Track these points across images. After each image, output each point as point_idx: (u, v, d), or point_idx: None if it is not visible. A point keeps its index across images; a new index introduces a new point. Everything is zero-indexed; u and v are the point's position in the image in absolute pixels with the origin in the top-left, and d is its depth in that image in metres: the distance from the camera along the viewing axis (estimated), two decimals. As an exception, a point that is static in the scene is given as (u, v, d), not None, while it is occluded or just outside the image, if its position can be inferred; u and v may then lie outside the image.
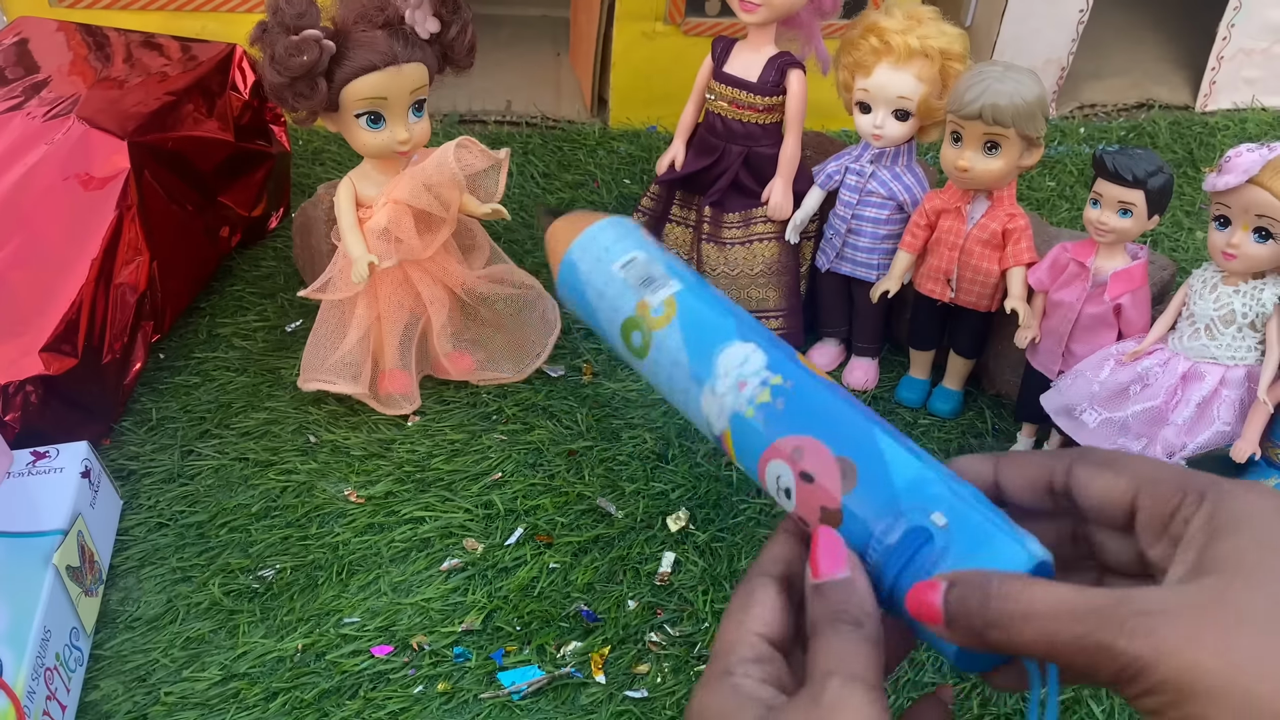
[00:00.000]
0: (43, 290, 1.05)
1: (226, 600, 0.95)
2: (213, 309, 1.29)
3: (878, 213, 1.15)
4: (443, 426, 1.14)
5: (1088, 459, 0.37)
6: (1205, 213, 1.54)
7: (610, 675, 0.91)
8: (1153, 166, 0.97)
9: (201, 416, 1.14)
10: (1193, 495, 0.33)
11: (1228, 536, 0.32)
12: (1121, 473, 0.36)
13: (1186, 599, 0.31)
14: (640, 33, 1.62)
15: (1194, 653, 0.29)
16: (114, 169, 1.11)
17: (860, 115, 1.13)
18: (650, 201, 1.28)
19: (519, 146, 1.62)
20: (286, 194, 1.45)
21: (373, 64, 0.99)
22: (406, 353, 1.14)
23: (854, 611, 0.36)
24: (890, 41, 1.07)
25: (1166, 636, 0.30)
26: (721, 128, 1.19)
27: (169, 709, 0.87)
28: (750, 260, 1.21)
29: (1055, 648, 0.31)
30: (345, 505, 1.05)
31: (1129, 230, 0.99)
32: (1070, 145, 1.72)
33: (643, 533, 1.03)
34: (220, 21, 1.56)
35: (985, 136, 1.02)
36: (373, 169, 1.08)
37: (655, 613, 0.96)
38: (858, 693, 0.33)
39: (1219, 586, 0.30)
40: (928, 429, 1.17)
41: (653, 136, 1.67)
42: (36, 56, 1.27)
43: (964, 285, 1.11)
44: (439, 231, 1.09)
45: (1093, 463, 0.37)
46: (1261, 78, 1.82)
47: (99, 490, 0.99)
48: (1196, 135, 1.74)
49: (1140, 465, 0.36)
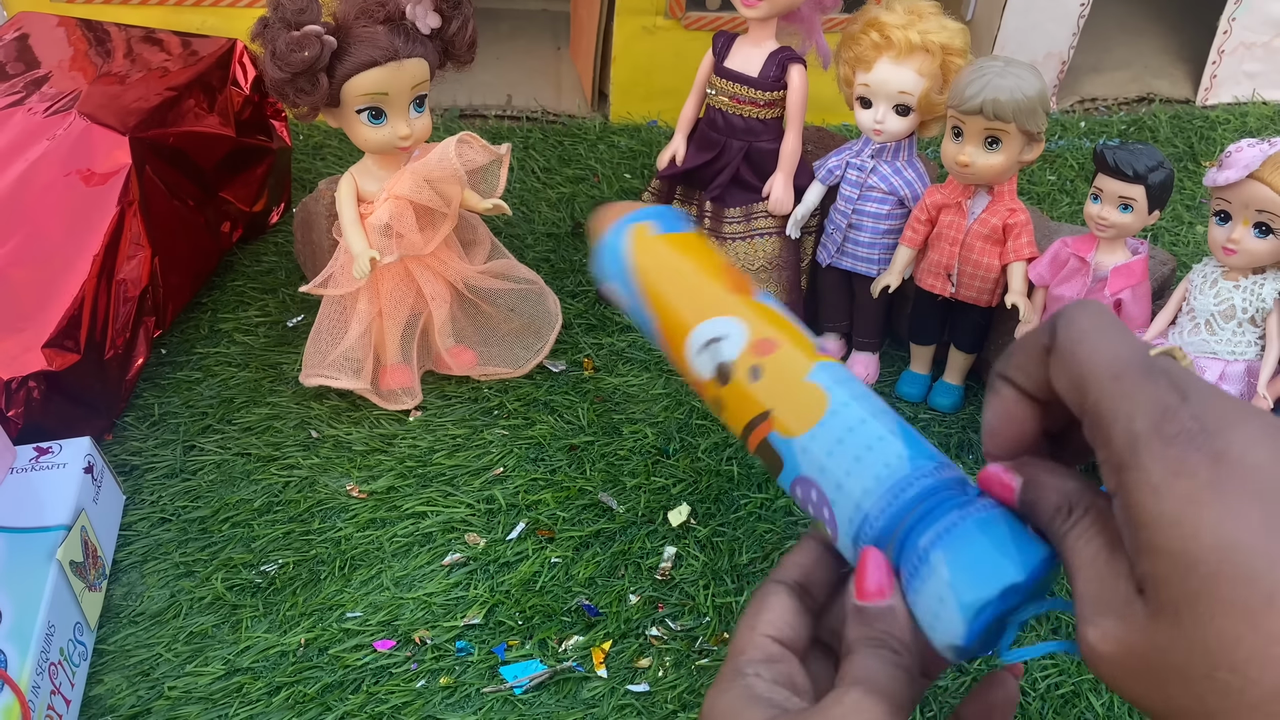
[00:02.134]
0: (44, 286, 1.05)
1: (229, 595, 0.96)
2: (214, 304, 1.29)
3: (878, 208, 1.15)
4: (444, 421, 1.14)
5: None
6: (1206, 207, 1.54)
7: (612, 669, 0.91)
8: (1153, 161, 0.97)
9: (203, 412, 1.14)
10: None
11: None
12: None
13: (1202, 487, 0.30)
14: (641, 27, 1.62)
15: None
16: (115, 164, 1.11)
17: (861, 110, 1.13)
18: (651, 196, 1.28)
19: (520, 141, 1.62)
20: (288, 189, 1.45)
21: (374, 59, 0.99)
22: (408, 348, 1.14)
23: (894, 641, 0.35)
24: (891, 36, 1.07)
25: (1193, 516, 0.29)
26: (722, 123, 1.19)
27: (172, 703, 0.87)
28: (751, 255, 1.21)
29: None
30: (347, 500, 1.05)
31: (1129, 225, 0.99)
32: (1071, 139, 1.72)
33: (644, 527, 1.03)
34: (221, 16, 1.56)
35: (986, 131, 1.02)
36: (374, 164, 1.08)
37: (657, 607, 0.96)
38: (880, 705, 0.33)
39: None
40: (928, 424, 1.17)
41: (653, 131, 1.67)
42: (37, 52, 1.27)
43: (965, 280, 1.11)
44: (440, 227, 1.09)
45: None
46: (1263, 71, 1.81)
47: (102, 485, 0.99)
48: (1197, 129, 1.74)
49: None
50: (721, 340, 0.42)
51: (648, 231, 0.46)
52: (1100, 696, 0.89)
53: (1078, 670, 0.91)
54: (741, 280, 0.45)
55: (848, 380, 0.41)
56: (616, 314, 1.30)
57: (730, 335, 0.42)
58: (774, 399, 0.40)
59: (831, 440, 0.38)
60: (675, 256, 0.45)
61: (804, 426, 0.39)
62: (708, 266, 0.45)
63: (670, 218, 0.47)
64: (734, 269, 0.46)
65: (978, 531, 0.35)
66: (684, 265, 0.45)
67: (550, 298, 1.22)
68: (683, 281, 0.44)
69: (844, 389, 0.40)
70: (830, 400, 0.39)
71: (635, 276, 0.45)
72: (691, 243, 0.46)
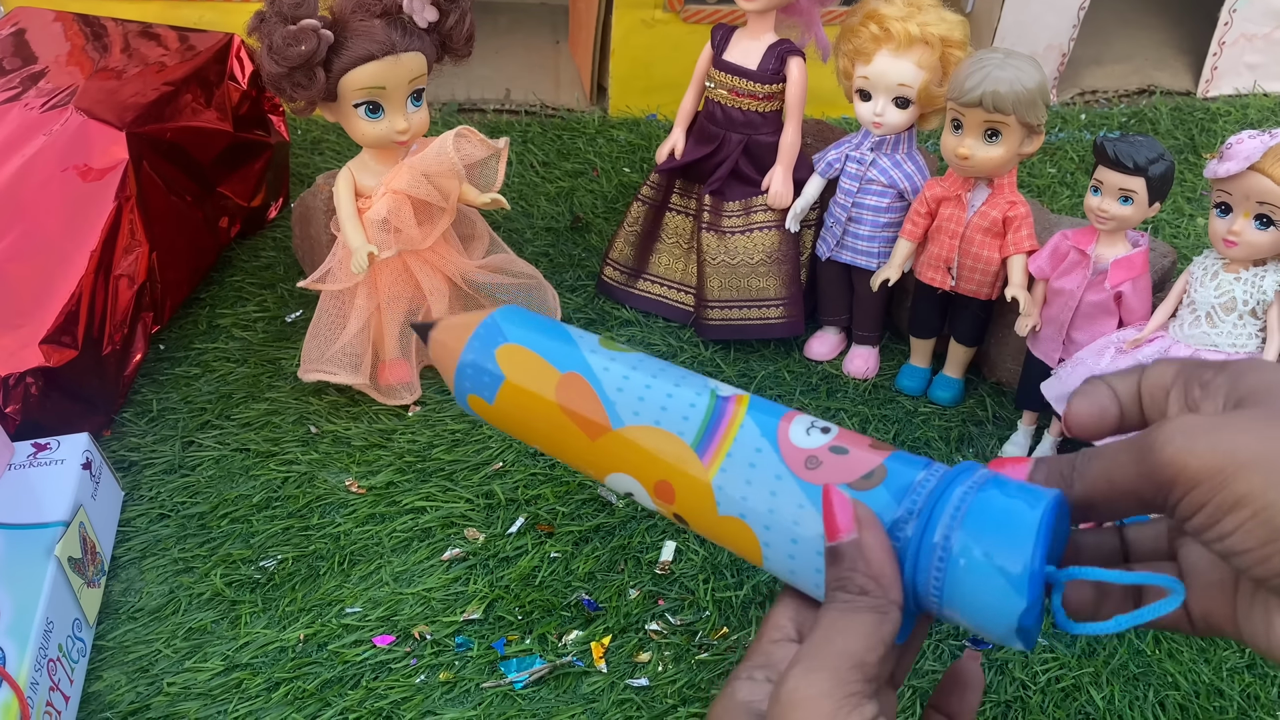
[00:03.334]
0: (42, 282, 1.05)
1: (228, 591, 0.96)
2: (212, 300, 1.29)
3: (878, 201, 1.15)
4: (443, 416, 1.14)
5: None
6: (1206, 199, 1.53)
7: (611, 664, 0.91)
8: (1153, 153, 0.96)
9: (202, 407, 1.14)
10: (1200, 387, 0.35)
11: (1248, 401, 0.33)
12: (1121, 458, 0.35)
13: (1214, 417, 0.33)
14: (640, 20, 1.62)
15: (1227, 440, 0.31)
16: (112, 160, 1.11)
17: (860, 103, 1.12)
18: (650, 190, 1.28)
19: (518, 135, 1.62)
20: (285, 184, 1.45)
21: (371, 53, 0.99)
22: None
23: (858, 579, 0.34)
24: (890, 28, 1.07)
25: (1197, 437, 0.31)
26: (721, 116, 1.19)
27: (171, 699, 0.87)
28: (750, 249, 1.21)
29: (1113, 482, 0.33)
30: (346, 495, 1.05)
31: (1130, 217, 0.99)
32: (1071, 132, 1.71)
33: (644, 522, 1.03)
34: (218, 11, 1.56)
35: (986, 124, 1.02)
36: (371, 159, 1.08)
37: (656, 601, 0.96)
38: (817, 682, 0.32)
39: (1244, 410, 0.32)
40: (928, 417, 1.17)
41: (652, 125, 1.67)
42: (34, 47, 1.27)
43: (964, 273, 1.11)
44: (438, 221, 1.09)
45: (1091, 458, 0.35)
46: (1263, 63, 1.81)
47: (100, 482, 0.99)
48: (1198, 121, 1.74)
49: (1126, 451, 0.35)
50: (634, 494, 0.41)
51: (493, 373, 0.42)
52: (1101, 689, 0.89)
53: (1078, 664, 0.91)
54: (590, 420, 0.41)
55: (747, 474, 0.38)
56: (615, 309, 1.30)
57: (636, 490, 0.41)
58: (709, 531, 0.40)
59: (787, 544, 0.37)
60: (527, 417, 0.42)
61: (755, 553, 0.39)
62: (558, 419, 0.41)
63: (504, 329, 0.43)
64: (574, 402, 0.41)
65: (988, 500, 0.34)
66: (540, 424, 0.42)
67: (549, 292, 1.22)
68: (552, 441, 0.42)
69: (753, 491, 0.38)
70: (754, 529, 0.38)
71: (502, 421, 0.44)
72: (528, 390, 0.42)
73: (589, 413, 0.41)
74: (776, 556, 0.37)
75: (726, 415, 0.39)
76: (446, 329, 0.44)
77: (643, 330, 1.27)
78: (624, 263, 1.30)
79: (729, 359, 1.24)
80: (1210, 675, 0.91)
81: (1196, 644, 0.93)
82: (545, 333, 0.43)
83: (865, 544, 0.34)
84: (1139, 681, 0.91)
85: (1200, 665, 0.92)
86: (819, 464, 0.37)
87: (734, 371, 1.22)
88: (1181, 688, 0.90)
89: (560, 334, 0.43)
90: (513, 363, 0.42)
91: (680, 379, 0.41)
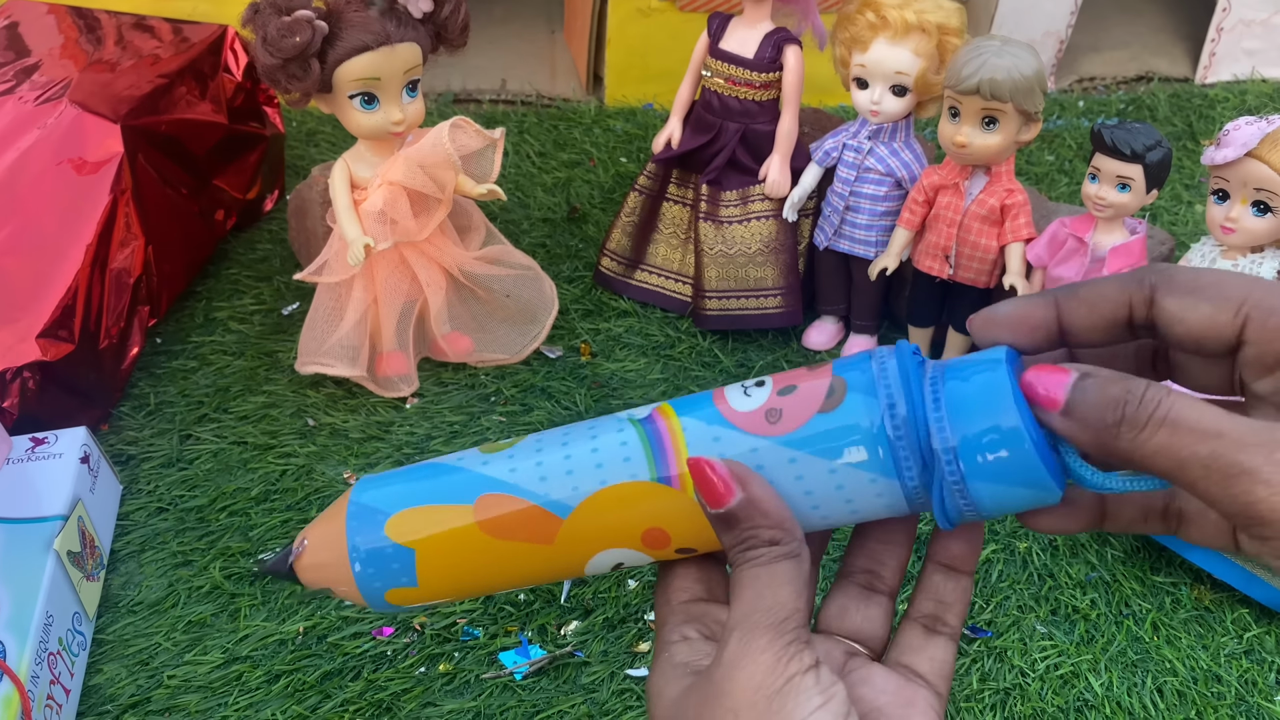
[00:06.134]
0: (38, 276, 1.04)
1: (227, 584, 0.96)
2: (209, 293, 1.28)
3: (875, 189, 1.14)
4: (441, 408, 1.14)
5: (1174, 287, 0.32)
6: (1204, 186, 1.53)
7: (611, 655, 0.91)
8: (1151, 140, 0.96)
9: (199, 401, 1.14)
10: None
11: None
12: (1223, 303, 0.31)
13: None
14: (635, 9, 1.61)
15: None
16: (107, 153, 1.11)
17: (857, 91, 1.12)
18: (647, 180, 1.27)
19: (514, 125, 1.62)
20: (281, 176, 1.44)
21: (365, 44, 0.98)
22: (404, 335, 1.14)
23: (763, 533, 0.34)
24: (887, 16, 1.06)
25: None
26: (718, 105, 1.18)
27: (172, 692, 0.87)
28: (748, 239, 1.21)
29: (1182, 464, 0.29)
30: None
31: (1127, 205, 0.98)
32: (1069, 119, 1.71)
33: (642, 512, 1.03)
34: (211, 3, 1.55)
35: (983, 111, 1.02)
36: (367, 150, 1.07)
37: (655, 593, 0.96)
38: (756, 645, 0.32)
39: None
40: (926, 406, 1.17)
41: (649, 114, 1.66)
42: (27, 40, 1.26)
43: (962, 261, 1.11)
44: (435, 213, 1.09)
45: (1182, 291, 0.32)
46: (1262, 49, 1.80)
47: (98, 475, 0.99)
48: (1196, 108, 1.73)
49: (1241, 288, 0.31)
50: (625, 562, 0.38)
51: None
52: (1099, 676, 0.90)
53: (1076, 651, 0.92)
54: (534, 528, 0.37)
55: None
56: (613, 299, 1.30)
57: (625, 557, 0.38)
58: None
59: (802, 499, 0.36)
60: (465, 569, 0.38)
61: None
62: (501, 550, 0.37)
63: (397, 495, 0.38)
64: (506, 523, 0.37)
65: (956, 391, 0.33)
66: (485, 567, 0.38)
67: (546, 283, 1.22)
68: (508, 574, 0.38)
69: None
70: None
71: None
72: (448, 543, 0.37)
73: (529, 522, 0.36)
74: (799, 514, 0.36)
75: (662, 431, 0.36)
76: (313, 550, 0.38)
77: (640, 321, 1.27)
78: (621, 253, 1.29)
79: (727, 349, 1.24)
80: (1208, 661, 0.91)
81: (1195, 630, 0.94)
82: (420, 479, 0.38)
83: (756, 497, 0.34)
84: (1137, 668, 0.91)
85: (1198, 651, 0.92)
86: (779, 414, 0.35)
87: (732, 362, 1.22)
88: (1179, 674, 0.90)
89: (436, 470, 0.38)
90: (410, 529, 0.37)
91: (592, 429, 0.37)
